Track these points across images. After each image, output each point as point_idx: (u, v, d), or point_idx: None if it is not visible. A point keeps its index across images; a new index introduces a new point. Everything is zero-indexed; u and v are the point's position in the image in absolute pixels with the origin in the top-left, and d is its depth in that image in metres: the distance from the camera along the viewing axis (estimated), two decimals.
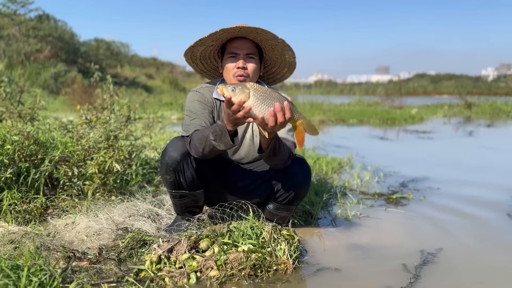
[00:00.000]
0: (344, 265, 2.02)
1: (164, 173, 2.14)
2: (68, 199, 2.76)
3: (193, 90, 2.26)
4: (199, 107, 2.17)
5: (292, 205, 2.28)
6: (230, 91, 1.65)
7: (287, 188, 2.19)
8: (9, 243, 2.02)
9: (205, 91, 2.24)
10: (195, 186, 2.18)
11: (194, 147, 2.00)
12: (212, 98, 2.23)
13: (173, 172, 2.10)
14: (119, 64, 35.90)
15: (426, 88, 57.43)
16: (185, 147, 2.09)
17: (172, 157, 2.08)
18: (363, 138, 8.11)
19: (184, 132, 2.13)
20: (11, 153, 2.73)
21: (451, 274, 1.97)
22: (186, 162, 2.10)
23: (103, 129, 3.02)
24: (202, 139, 1.94)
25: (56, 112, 10.78)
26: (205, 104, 2.19)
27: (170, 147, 2.12)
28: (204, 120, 2.12)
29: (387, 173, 4.37)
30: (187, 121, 2.15)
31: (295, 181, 2.18)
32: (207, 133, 1.90)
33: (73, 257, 1.94)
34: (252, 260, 1.85)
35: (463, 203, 3.24)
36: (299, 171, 2.18)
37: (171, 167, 2.09)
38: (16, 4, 26.57)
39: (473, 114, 15.55)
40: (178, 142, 2.12)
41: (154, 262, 1.85)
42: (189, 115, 2.16)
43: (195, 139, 1.99)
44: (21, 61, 21.73)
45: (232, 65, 2.13)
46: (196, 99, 2.20)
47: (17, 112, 3.57)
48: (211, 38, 2.11)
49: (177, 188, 2.16)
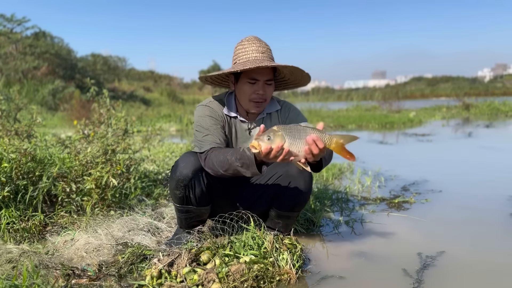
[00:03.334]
0: (348, 273, 1.99)
1: (173, 188, 2.10)
2: (67, 216, 2.72)
3: (202, 104, 2.21)
4: (210, 123, 2.12)
5: (294, 211, 2.26)
6: (267, 141, 1.64)
7: (289, 193, 2.17)
8: (7, 263, 1.99)
9: (215, 105, 2.19)
10: (204, 202, 2.16)
11: (211, 167, 1.99)
12: (222, 113, 2.18)
13: (183, 188, 2.07)
14: (117, 78, 36.00)
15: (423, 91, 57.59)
16: (197, 163, 2.06)
17: (183, 173, 2.05)
18: (363, 143, 8.09)
19: (197, 148, 2.10)
20: (9, 171, 2.71)
21: (454, 277, 1.94)
22: (198, 179, 2.07)
23: (100, 143, 3.00)
24: (224, 163, 1.92)
25: (55, 128, 10.78)
26: (216, 119, 2.15)
27: (181, 162, 2.08)
28: (218, 137, 2.09)
29: (388, 177, 4.34)
30: (199, 137, 2.10)
31: (297, 187, 2.15)
32: (232, 158, 1.88)
33: (72, 274, 1.90)
34: (255, 271, 1.82)
35: (466, 205, 3.22)
36: (300, 177, 2.15)
37: (182, 183, 2.06)
38: (13, 23, 26.74)
39: (471, 115, 15.56)
40: (189, 158, 2.08)
41: (155, 277, 1.82)
42: (201, 130, 2.11)
43: (214, 160, 1.97)
44: (18, 79, 21.80)
45: (251, 90, 2.07)
46: (206, 114, 2.15)
47: (14, 130, 3.55)
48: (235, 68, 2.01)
49: (185, 204, 2.13)
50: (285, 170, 2.18)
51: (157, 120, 15.17)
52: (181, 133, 11.51)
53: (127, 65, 44.06)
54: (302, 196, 2.19)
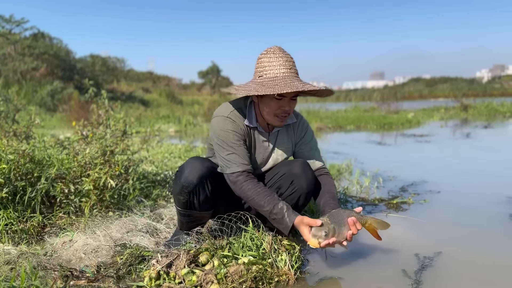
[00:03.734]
0: (346, 274, 1.99)
1: (177, 193, 2.10)
2: (65, 217, 2.72)
3: (223, 115, 2.12)
4: (234, 139, 2.09)
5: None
6: (325, 237, 1.80)
7: (291, 192, 2.18)
8: (5, 264, 1.99)
9: (236, 117, 2.13)
10: (207, 207, 2.16)
11: (242, 195, 2.05)
12: (244, 126, 2.15)
13: (188, 194, 2.07)
14: (116, 79, 36.01)
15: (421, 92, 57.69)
16: (202, 169, 2.05)
17: (189, 179, 2.04)
18: (361, 144, 8.11)
19: (221, 168, 2.10)
20: (7, 172, 2.71)
21: (453, 278, 1.94)
22: (202, 186, 2.07)
23: (99, 144, 3.00)
24: (258, 205, 2.00)
25: (54, 129, 10.78)
26: (240, 134, 2.11)
27: (187, 168, 2.06)
28: (243, 157, 2.08)
29: (386, 178, 4.35)
30: (223, 154, 2.07)
31: (299, 186, 2.15)
32: (267, 208, 1.97)
33: (71, 276, 1.90)
34: (253, 272, 1.82)
35: (464, 205, 3.22)
36: (303, 176, 2.15)
37: (187, 189, 2.05)
38: (11, 24, 26.73)
39: (469, 116, 15.59)
40: (195, 164, 2.07)
41: (153, 278, 1.82)
42: (224, 146, 2.08)
43: (248, 193, 2.01)
44: (17, 80, 21.78)
45: (277, 106, 2.04)
46: (229, 128, 2.09)
47: (12, 131, 3.55)
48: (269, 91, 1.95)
49: (188, 208, 2.13)
50: (288, 169, 2.18)
51: (156, 121, 15.18)
52: (180, 134, 11.51)
53: (126, 66, 44.07)
54: (304, 196, 2.19)
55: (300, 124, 2.34)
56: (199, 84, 51.03)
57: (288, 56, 2.05)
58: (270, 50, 2.05)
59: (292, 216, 1.95)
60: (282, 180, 2.20)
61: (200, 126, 13.48)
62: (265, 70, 2.02)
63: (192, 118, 14.87)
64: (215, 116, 2.15)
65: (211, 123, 2.17)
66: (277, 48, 2.06)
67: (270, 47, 2.07)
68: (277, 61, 2.01)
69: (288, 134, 2.30)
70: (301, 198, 2.19)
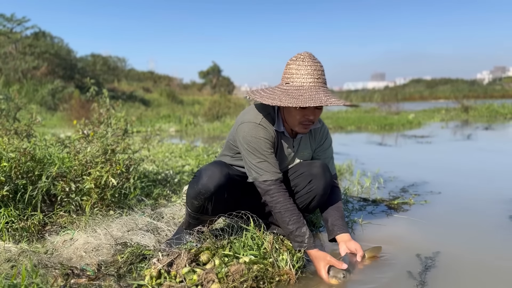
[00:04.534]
0: (349, 274, 1.98)
1: (192, 197, 2.08)
2: (66, 215, 2.72)
3: (253, 122, 2.08)
4: (265, 147, 2.06)
5: (307, 212, 2.30)
6: (343, 278, 1.89)
7: (306, 191, 2.19)
8: (6, 262, 1.99)
9: (267, 124, 2.10)
10: (219, 212, 2.17)
11: (270, 204, 2.04)
12: (274, 132, 2.12)
13: (203, 200, 2.05)
14: (116, 78, 36.02)
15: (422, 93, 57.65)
16: (221, 178, 2.03)
17: (207, 186, 2.02)
18: (362, 145, 8.11)
19: (251, 175, 2.06)
20: (8, 170, 2.70)
21: (457, 279, 1.94)
22: (219, 194, 2.05)
23: (100, 143, 3.00)
24: (283, 218, 2.00)
25: (54, 128, 10.78)
26: (272, 142, 2.09)
27: (205, 175, 2.04)
28: (274, 165, 2.06)
29: (387, 178, 4.34)
30: (254, 161, 2.04)
31: (316, 186, 2.16)
32: (292, 227, 1.99)
33: (71, 274, 1.90)
34: (254, 271, 1.82)
35: (465, 206, 3.22)
36: (322, 177, 2.16)
37: (203, 196, 2.04)
38: (12, 22, 26.75)
39: (470, 117, 15.58)
40: (215, 171, 2.04)
41: (154, 277, 1.82)
42: (256, 154, 2.04)
43: (277, 206, 2.01)
44: (18, 79, 21.79)
45: (302, 114, 2.02)
46: (262, 136, 2.06)
47: (13, 129, 3.55)
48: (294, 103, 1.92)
49: (200, 212, 2.13)
50: (308, 168, 2.19)
51: (156, 120, 15.19)
52: (181, 134, 11.51)
53: (127, 66, 44.07)
54: (319, 197, 2.20)
55: (321, 130, 2.35)
56: (199, 84, 51.05)
57: (318, 64, 1.99)
58: (300, 56, 2.00)
59: (312, 246, 1.99)
60: (301, 179, 2.20)
61: (200, 126, 13.48)
62: (292, 78, 1.98)
63: (193, 118, 14.88)
64: (246, 122, 2.09)
65: (240, 128, 2.10)
66: (307, 55, 2.00)
67: (301, 53, 2.02)
68: (305, 69, 1.96)
69: (310, 139, 2.31)
70: (315, 199, 2.19)
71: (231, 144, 2.24)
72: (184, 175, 4.05)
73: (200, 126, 13.45)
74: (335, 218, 2.19)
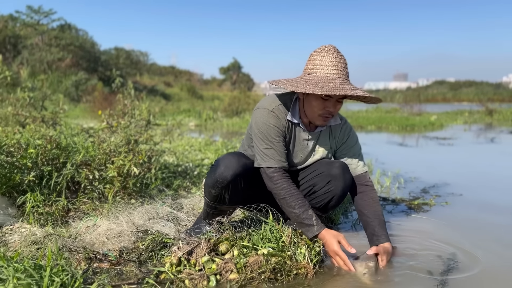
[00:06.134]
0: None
1: (210, 186, 2.11)
2: (89, 202, 2.79)
3: (266, 108, 2.10)
4: (274, 135, 2.07)
5: (323, 212, 2.30)
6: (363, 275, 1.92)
7: (324, 192, 2.19)
8: (32, 244, 2.05)
9: (280, 113, 2.11)
10: (236, 202, 2.19)
11: (274, 191, 2.06)
12: (286, 121, 2.13)
13: (220, 189, 2.08)
14: (139, 72, 36.47)
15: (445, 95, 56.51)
16: (238, 167, 2.05)
17: (223, 175, 2.04)
18: (382, 144, 8.02)
19: (257, 160, 2.09)
20: (34, 156, 2.79)
21: (478, 281, 1.91)
22: (236, 183, 2.08)
23: (123, 133, 3.06)
24: (288, 203, 2.02)
25: (77, 119, 10.98)
26: (282, 130, 2.10)
27: (222, 164, 2.06)
28: (280, 154, 2.07)
29: (407, 179, 4.30)
30: (261, 147, 2.07)
31: (335, 187, 2.16)
32: (298, 210, 2.00)
33: (94, 258, 1.95)
34: (272, 263, 1.83)
35: (487, 209, 3.16)
36: (341, 178, 2.15)
37: (220, 184, 2.06)
38: (39, 15, 27.35)
39: (494, 121, 15.22)
40: (232, 161, 2.06)
41: (174, 264, 1.85)
42: (264, 140, 2.07)
43: (282, 192, 2.03)
44: (43, 70, 22.27)
45: (322, 106, 2.02)
46: (272, 123, 2.08)
47: (40, 117, 3.64)
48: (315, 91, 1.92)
49: (217, 202, 2.15)
50: (327, 168, 2.18)
51: (176, 114, 15.32)
52: (200, 128, 11.59)
53: (149, 60, 44.57)
54: (337, 198, 2.19)
55: (344, 127, 2.31)
56: (220, 80, 51.26)
57: (342, 57, 2.00)
58: (324, 48, 2.01)
59: (322, 226, 2.01)
60: (319, 178, 2.20)
61: (220, 121, 13.54)
62: (316, 68, 1.99)
63: (212, 113, 14.96)
64: (260, 108, 2.13)
65: (254, 113, 2.15)
66: (332, 47, 2.01)
67: (325, 46, 2.03)
68: (329, 60, 1.97)
69: (330, 136, 2.29)
70: (333, 200, 2.19)
71: (249, 133, 2.26)
72: (203, 168, 4.09)
73: (220, 121, 13.52)
74: (374, 227, 2.12)
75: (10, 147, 2.74)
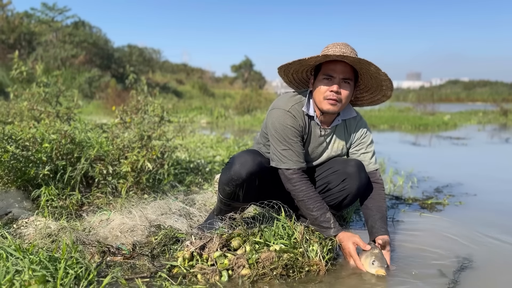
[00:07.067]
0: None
1: (224, 183, 2.11)
2: (103, 197, 2.81)
3: (283, 108, 2.10)
4: (292, 135, 2.08)
5: (337, 210, 2.30)
6: (372, 264, 1.91)
7: (339, 189, 2.18)
8: (46, 237, 2.08)
9: (297, 112, 2.11)
10: (250, 200, 2.20)
11: (293, 192, 2.09)
12: (303, 121, 2.13)
13: (235, 187, 2.09)
14: (151, 69, 36.64)
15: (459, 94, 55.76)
16: (253, 166, 2.05)
17: (238, 173, 2.04)
18: (395, 143, 7.96)
19: (274, 161, 2.10)
20: (49, 151, 2.82)
21: (491, 280, 1.89)
22: (250, 182, 2.08)
23: (137, 129, 3.08)
24: (307, 205, 2.04)
25: (90, 115, 11.10)
26: (299, 130, 2.11)
27: (237, 162, 2.07)
28: (298, 154, 2.08)
29: (420, 178, 4.26)
30: (279, 148, 2.08)
31: (349, 185, 2.15)
32: (316, 213, 2.02)
33: (107, 252, 1.97)
34: (284, 260, 1.83)
35: (502, 209, 3.12)
36: (357, 177, 2.14)
37: (235, 182, 2.07)
38: (54, 12, 27.65)
39: (509, 121, 14.98)
40: (247, 159, 2.07)
41: (187, 259, 1.86)
42: (281, 141, 2.07)
43: (300, 194, 2.05)
44: (57, 66, 22.52)
45: (326, 87, 2.04)
46: (289, 124, 2.08)
47: (55, 112, 3.68)
48: (312, 60, 2.02)
49: (231, 199, 2.16)
50: (343, 166, 2.17)
51: (188, 112, 15.38)
52: (211, 126, 11.62)
53: (161, 57, 44.79)
54: (352, 196, 2.19)
55: (359, 123, 2.33)
56: (231, 78, 51.29)
57: (354, 50, 2.07)
58: (339, 42, 2.08)
59: (339, 229, 2.03)
60: (334, 176, 2.20)
61: (231, 118, 13.56)
62: (327, 49, 2.06)
63: (224, 110, 14.98)
64: (276, 108, 2.12)
65: (270, 113, 2.14)
66: (345, 43, 2.08)
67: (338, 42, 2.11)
68: (341, 46, 2.04)
69: (346, 131, 2.29)
70: (348, 198, 2.19)
71: (264, 132, 2.26)
72: (215, 164, 4.10)
73: (231, 119, 13.54)
74: (376, 220, 2.13)
75: (25, 142, 2.78)
